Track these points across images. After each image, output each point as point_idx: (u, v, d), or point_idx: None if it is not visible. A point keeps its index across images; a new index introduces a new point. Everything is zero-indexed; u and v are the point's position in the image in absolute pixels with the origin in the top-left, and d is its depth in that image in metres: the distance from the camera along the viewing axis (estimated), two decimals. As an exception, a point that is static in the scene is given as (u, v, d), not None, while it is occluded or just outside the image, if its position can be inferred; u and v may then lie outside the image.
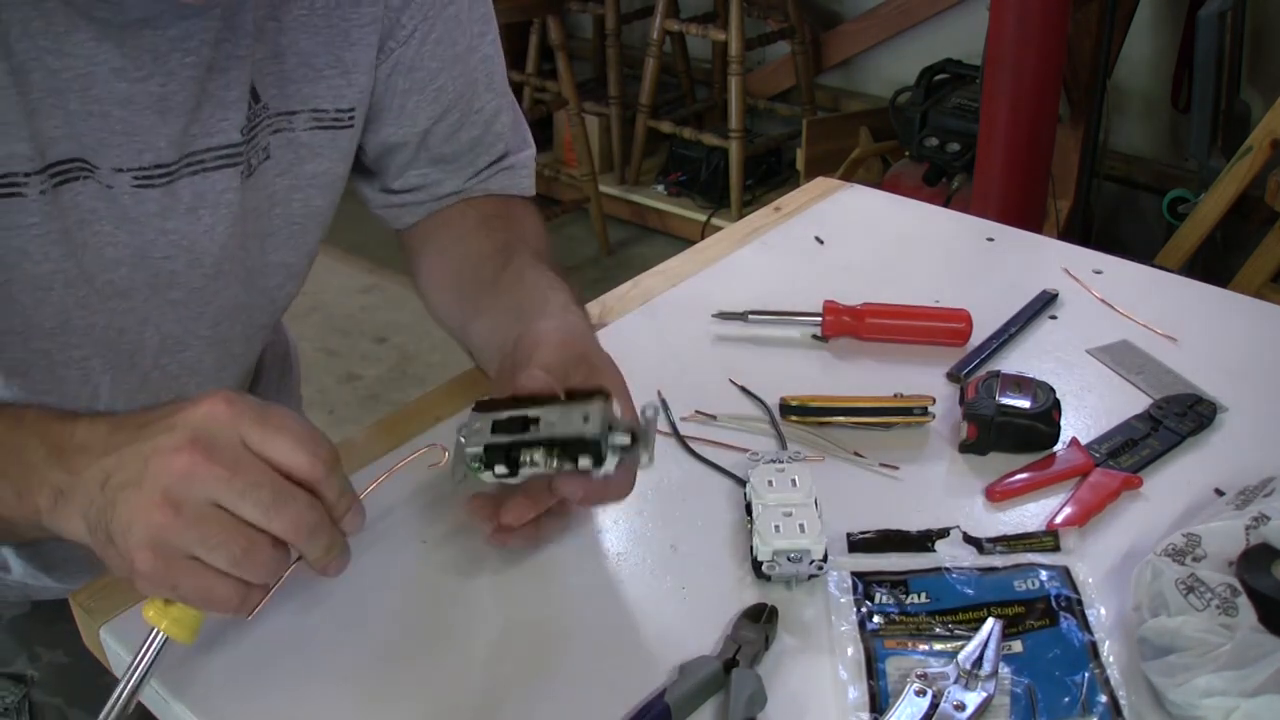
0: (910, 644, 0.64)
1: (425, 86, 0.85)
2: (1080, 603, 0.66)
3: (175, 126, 0.72)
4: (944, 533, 0.71)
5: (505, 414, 0.65)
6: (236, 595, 0.57)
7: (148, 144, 0.71)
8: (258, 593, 0.58)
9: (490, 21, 0.88)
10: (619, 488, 0.68)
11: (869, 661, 0.63)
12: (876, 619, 0.66)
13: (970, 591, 0.67)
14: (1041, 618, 0.64)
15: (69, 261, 0.73)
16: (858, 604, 0.66)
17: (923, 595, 0.67)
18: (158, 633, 0.58)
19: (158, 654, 0.59)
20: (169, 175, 0.74)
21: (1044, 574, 0.67)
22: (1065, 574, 0.68)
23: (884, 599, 0.67)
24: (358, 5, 0.78)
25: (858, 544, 0.71)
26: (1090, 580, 0.67)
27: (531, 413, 0.64)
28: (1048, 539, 0.71)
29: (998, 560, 0.69)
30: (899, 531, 0.72)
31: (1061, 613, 0.65)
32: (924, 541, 0.71)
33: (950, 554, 0.70)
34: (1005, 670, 0.61)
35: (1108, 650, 0.63)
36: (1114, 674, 0.61)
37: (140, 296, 0.78)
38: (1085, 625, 0.64)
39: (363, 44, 0.80)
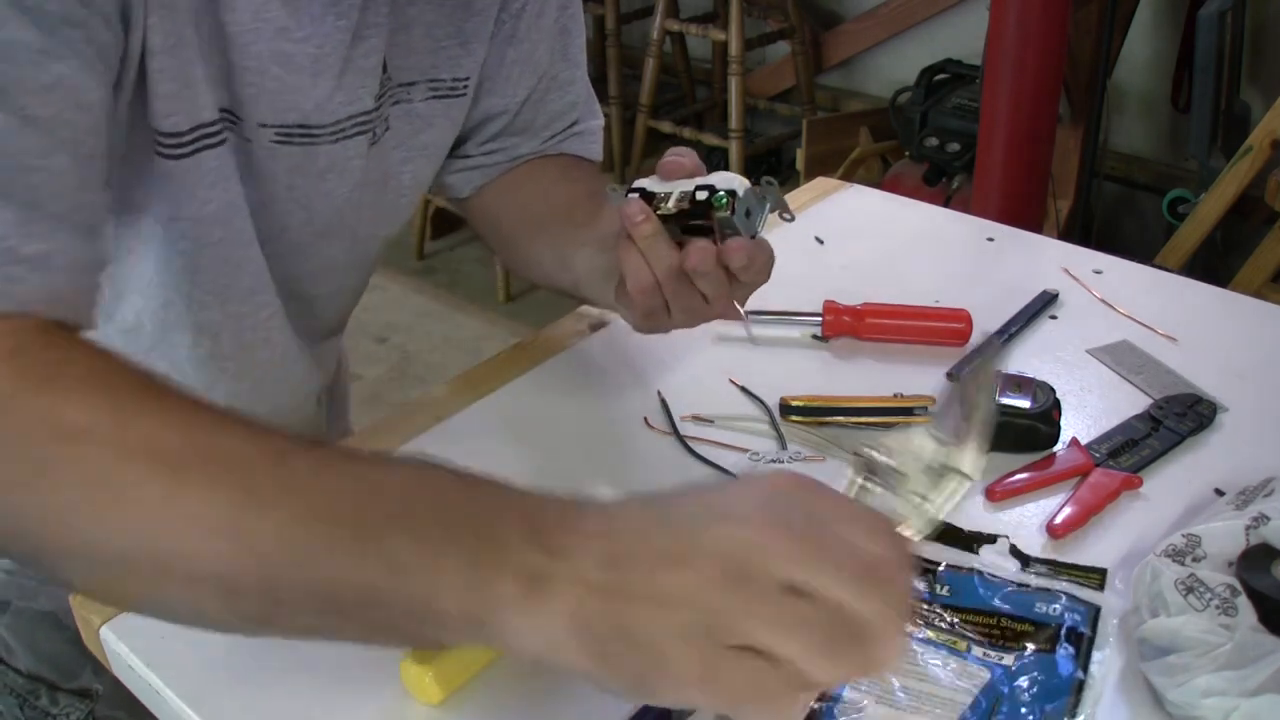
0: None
1: (528, 58, 0.87)
2: (1091, 641, 0.63)
3: (323, 90, 0.73)
4: (991, 539, 0.71)
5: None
6: (793, 694, 0.45)
7: (294, 104, 0.72)
8: (809, 694, 0.47)
9: None
10: (761, 256, 0.68)
11: None
12: None
13: (991, 598, 0.66)
14: (1045, 643, 0.63)
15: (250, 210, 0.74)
16: None
17: (945, 588, 0.67)
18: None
19: None
20: (312, 139, 0.74)
21: (1065, 603, 0.65)
22: (1093, 613, 0.65)
23: None
24: None
25: None
26: (1115, 624, 0.64)
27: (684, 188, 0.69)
28: (1094, 575, 0.68)
29: (1034, 579, 0.68)
30: (950, 525, 0.72)
31: (1063, 643, 0.63)
32: (969, 542, 0.71)
33: (992, 561, 0.69)
34: (983, 673, 0.61)
35: (1093, 698, 0.60)
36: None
37: (249, 249, 0.78)
38: (1084, 664, 0.62)
39: (484, 15, 0.82)
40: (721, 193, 0.67)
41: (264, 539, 0.47)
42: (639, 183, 0.70)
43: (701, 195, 0.67)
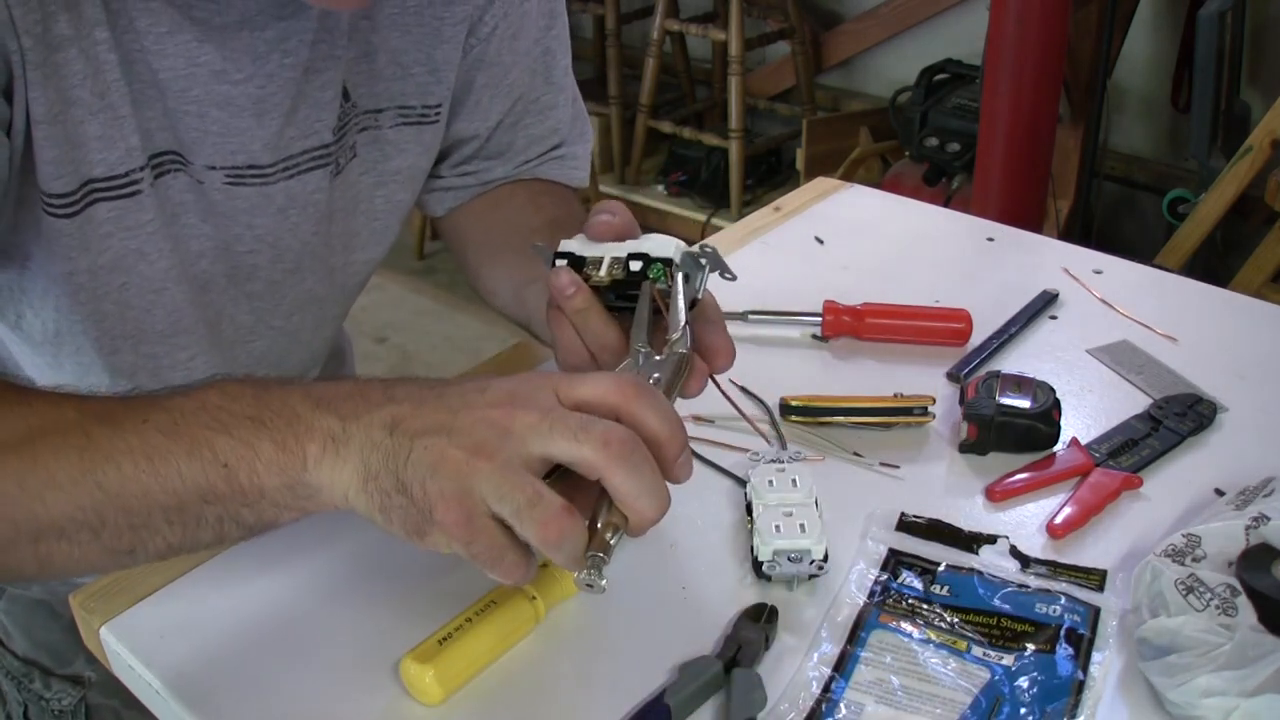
0: (899, 623, 0.65)
1: (500, 82, 0.86)
2: (1091, 643, 0.63)
3: (271, 129, 0.72)
4: (991, 539, 0.71)
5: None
6: (524, 565, 0.54)
7: (242, 146, 0.72)
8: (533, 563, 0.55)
9: (556, 16, 0.88)
10: (719, 343, 0.67)
11: (855, 628, 0.64)
12: (890, 594, 0.67)
13: (991, 599, 0.66)
14: (1044, 644, 0.63)
15: (176, 257, 0.73)
16: (876, 578, 0.68)
17: (944, 589, 0.67)
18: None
19: None
20: (264, 178, 0.74)
21: (1064, 603, 0.65)
22: (1093, 614, 0.65)
23: (909, 579, 0.68)
24: (450, 4, 0.79)
25: (906, 525, 0.72)
26: (1114, 625, 0.65)
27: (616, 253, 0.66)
28: (1094, 576, 0.68)
29: (1034, 580, 0.68)
30: (951, 525, 0.72)
31: (1063, 643, 0.63)
32: (970, 542, 0.71)
33: (992, 562, 0.69)
34: (983, 673, 0.61)
35: (1093, 699, 0.60)
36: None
37: (218, 288, 0.78)
38: (1084, 664, 0.62)
39: (453, 42, 0.80)
40: (657, 263, 0.64)
41: (114, 476, 0.54)
42: (565, 245, 0.68)
43: (636, 265, 0.65)
